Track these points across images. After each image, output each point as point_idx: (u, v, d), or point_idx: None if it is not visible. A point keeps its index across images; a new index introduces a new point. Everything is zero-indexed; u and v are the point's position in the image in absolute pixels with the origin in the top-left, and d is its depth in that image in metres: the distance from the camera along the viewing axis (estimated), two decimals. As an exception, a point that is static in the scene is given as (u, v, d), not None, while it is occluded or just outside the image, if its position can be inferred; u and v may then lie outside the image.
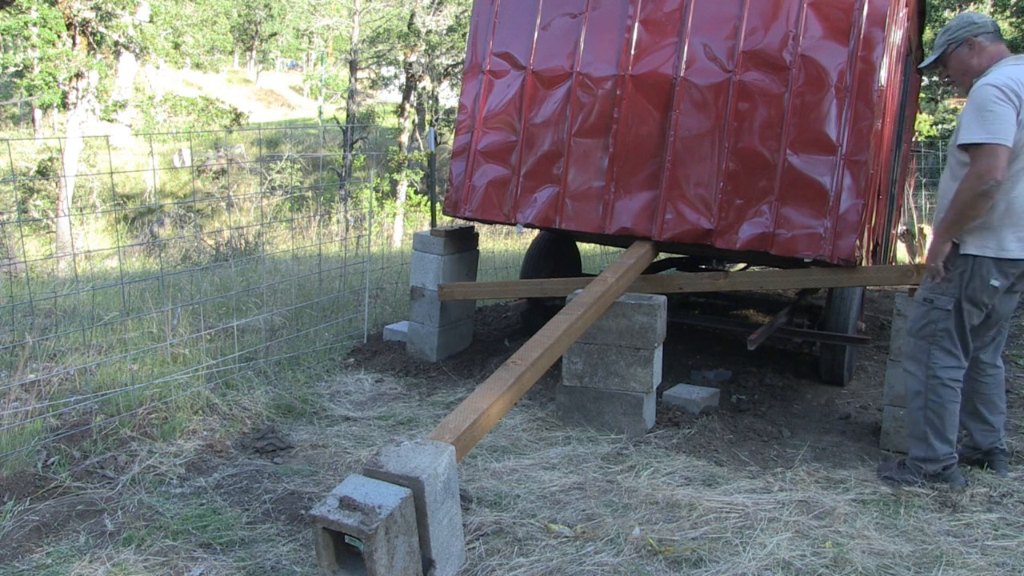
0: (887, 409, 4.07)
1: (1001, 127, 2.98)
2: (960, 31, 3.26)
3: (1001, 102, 2.99)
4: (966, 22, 3.28)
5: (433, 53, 19.59)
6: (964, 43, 3.24)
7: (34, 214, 15.46)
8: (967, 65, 3.25)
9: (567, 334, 3.51)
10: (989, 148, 2.98)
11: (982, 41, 3.22)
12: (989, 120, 3.00)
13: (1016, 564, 2.70)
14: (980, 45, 3.22)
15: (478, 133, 5.09)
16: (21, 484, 3.15)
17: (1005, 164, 2.99)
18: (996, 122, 2.98)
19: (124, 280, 4.75)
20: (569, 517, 3.01)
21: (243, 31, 36.81)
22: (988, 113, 2.99)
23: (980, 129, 3.00)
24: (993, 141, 2.97)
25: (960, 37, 3.24)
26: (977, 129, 3.01)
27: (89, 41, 14.06)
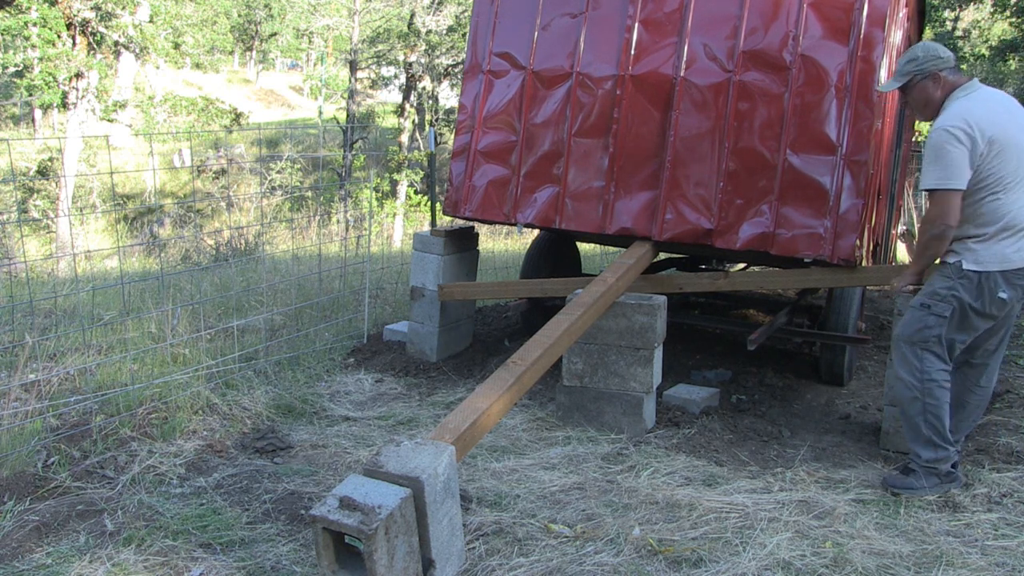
0: (887, 409, 4.07)
1: (952, 171, 3.07)
2: (928, 64, 3.28)
3: (952, 145, 3.07)
4: (933, 55, 3.30)
5: (433, 53, 19.59)
6: (930, 76, 3.28)
7: (34, 214, 15.46)
8: (929, 97, 3.31)
9: (567, 334, 3.51)
10: (940, 195, 3.10)
11: (946, 76, 3.27)
12: (942, 165, 3.09)
13: (1016, 564, 2.70)
14: (944, 80, 3.27)
15: (478, 133, 5.09)
16: (21, 484, 3.15)
17: (957, 208, 3.10)
18: (948, 167, 3.07)
19: (124, 280, 4.75)
20: (569, 517, 3.01)
21: (243, 31, 36.81)
22: (940, 159, 3.09)
23: (933, 175, 3.11)
24: (944, 187, 3.07)
25: (927, 70, 3.27)
26: (930, 175, 3.12)
27: (89, 41, 14.06)
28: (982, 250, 3.18)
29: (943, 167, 3.08)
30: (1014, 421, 4.09)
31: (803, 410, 4.61)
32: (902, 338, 3.33)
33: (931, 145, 3.13)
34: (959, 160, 3.07)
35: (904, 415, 3.37)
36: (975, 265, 3.18)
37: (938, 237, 3.16)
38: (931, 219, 3.14)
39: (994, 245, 3.17)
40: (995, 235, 3.17)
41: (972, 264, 3.18)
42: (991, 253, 3.18)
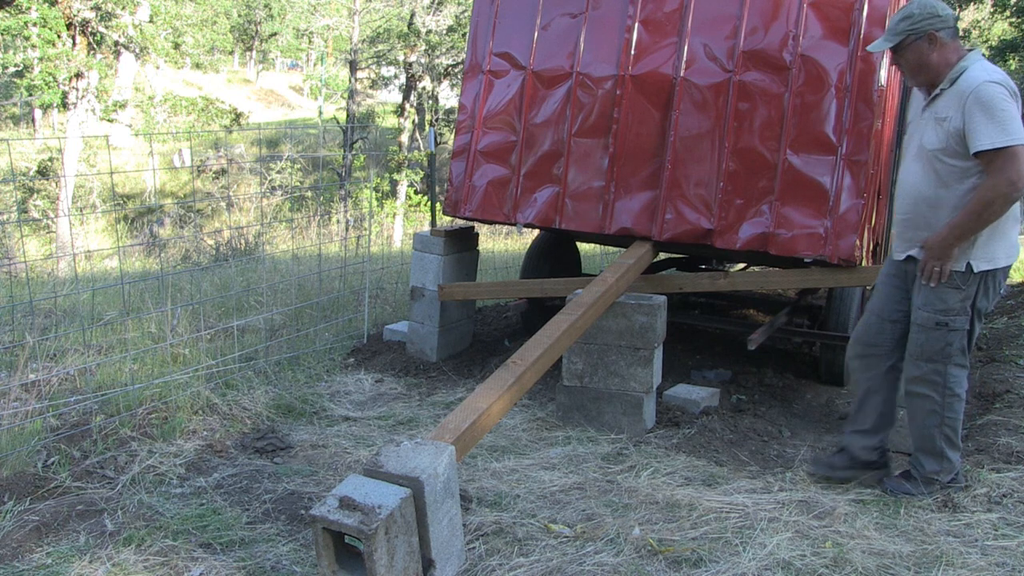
0: (887, 409, 4.07)
1: (1016, 125, 2.80)
2: (924, 22, 2.95)
3: (1006, 101, 2.81)
4: (930, 13, 2.96)
5: (433, 53, 19.59)
6: (925, 37, 2.94)
7: (34, 214, 15.46)
8: (924, 61, 2.97)
9: (567, 334, 3.51)
10: (1007, 154, 2.78)
11: (943, 37, 2.94)
12: (999, 121, 2.79)
13: (1016, 564, 2.70)
14: (941, 41, 2.95)
15: (478, 133, 5.09)
16: (21, 484, 3.15)
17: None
18: (1008, 122, 2.79)
19: (124, 280, 4.75)
20: (569, 517, 3.01)
21: (243, 31, 36.81)
22: (1002, 112, 2.78)
23: (990, 132, 2.78)
24: (1011, 143, 2.77)
25: (922, 29, 2.93)
26: (987, 132, 2.79)
27: (89, 41, 14.06)
28: (992, 243, 2.97)
29: (1001, 122, 2.77)
30: (1014, 421, 4.09)
31: (803, 410, 4.61)
32: (922, 358, 3.09)
33: (981, 100, 2.80)
34: (1017, 115, 2.80)
35: (917, 425, 3.21)
36: (987, 263, 2.97)
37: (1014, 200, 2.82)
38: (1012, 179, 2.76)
39: (1004, 236, 2.98)
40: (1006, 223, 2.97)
41: (984, 263, 2.97)
42: (1002, 246, 3.00)
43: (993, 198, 2.81)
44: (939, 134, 2.94)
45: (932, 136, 2.96)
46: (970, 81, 2.84)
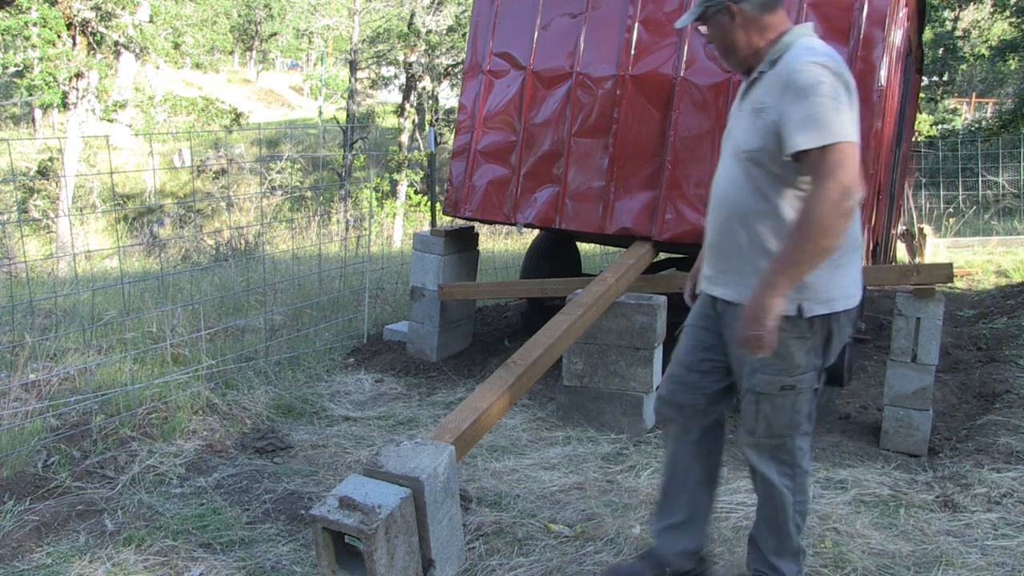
0: (887, 409, 4.07)
1: (849, 118, 2.10)
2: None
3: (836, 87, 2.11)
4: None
5: (433, 53, 19.59)
6: (724, 9, 2.27)
7: (34, 214, 15.46)
8: (729, 39, 2.31)
9: (567, 334, 3.51)
10: (842, 148, 2.05)
11: (748, 10, 2.25)
12: (829, 111, 2.06)
13: (1016, 564, 2.70)
14: (746, 15, 2.25)
15: (478, 133, 5.09)
16: (21, 484, 3.15)
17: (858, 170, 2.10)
18: (839, 114, 2.07)
19: (124, 280, 4.75)
20: (569, 517, 3.01)
21: (243, 31, 36.80)
22: (824, 101, 2.07)
23: (821, 126, 2.06)
24: (841, 139, 2.06)
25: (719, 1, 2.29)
26: (817, 126, 2.06)
27: (89, 41, 14.05)
28: (827, 278, 2.20)
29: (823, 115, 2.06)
30: (1014, 421, 4.09)
31: (803, 410, 4.60)
32: (766, 434, 2.33)
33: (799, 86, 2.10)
34: (845, 106, 2.10)
35: (768, 521, 2.44)
36: (823, 305, 2.22)
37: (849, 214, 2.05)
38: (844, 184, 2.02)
39: (840, 270, 2.24)
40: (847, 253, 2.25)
41: (818, 305, 2.21)
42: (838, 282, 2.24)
43: (824, 213, 2.02)
44: (756, 130, 2.21)
45: (748, 132, 2.24)
46: (791, 61, 2.15)
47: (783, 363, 2.23)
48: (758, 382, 2.28)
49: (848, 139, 2.06)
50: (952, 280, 4.27)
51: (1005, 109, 18.48)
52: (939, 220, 11.77)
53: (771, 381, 2.27)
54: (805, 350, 2.24)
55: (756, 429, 2.33)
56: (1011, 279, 8.23)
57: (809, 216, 2.06)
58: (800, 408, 2.29)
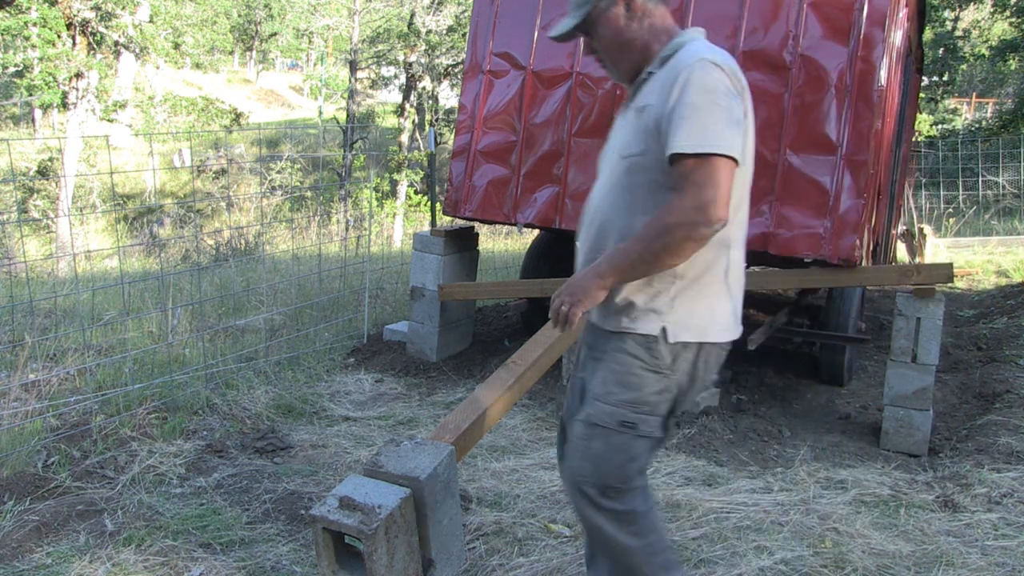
0: (887, 409, 4.07)
1: (732, 130, 1.83)
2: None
3: (729, 91, 1.86)
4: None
5: (433, 53, 19.59)
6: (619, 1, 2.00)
7: (34, 214, 15.46)
8: (625, 36, 2.02)
9: (567, 334, 3.51)
10: (717, 164, 1.79)
11: (647, 3, 2.02)
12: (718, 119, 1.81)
13: (1016, 564, 2.70)
14: (643, 7, 2.01)
15: (478, 133, 5.09)
16: (21, 484, 3.15)
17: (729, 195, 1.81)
18: (728, 125, 1.82)
19: (124, 280, 4.75)
20: (569, 517, 3.01)
21: (243, 31, 36.80)
22: (715, 108, 1.82)
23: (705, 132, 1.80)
24: (723, 152, 1.79)
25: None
26: (701, 131, 1.80)
27: (89, 41, 14.05)
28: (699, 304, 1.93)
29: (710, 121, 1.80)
30: (1014, 421, 4.09)
31: (803, 410, 4.61)
32: (591, 479, 1.96)
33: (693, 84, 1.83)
34: (735, 117, 1.85)
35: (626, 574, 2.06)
36: (692, 332, 1.92)
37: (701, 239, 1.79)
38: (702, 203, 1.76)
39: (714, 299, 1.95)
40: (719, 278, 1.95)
41: (686, 331, 1.92)
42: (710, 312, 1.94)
43: (673, 225, 1.78)
44: (638, 131, 1.94)
45: (630, 135, 1.97)
46: (685, 58, 1.90)
47: (630, 394, 1.92)
48: (595, 411, 1.95)
49: (727, 153, 1.79)
50: (952, 280, 4.28)
51: (1005, 109, 18.49)
52: (939, 220, 11.77)
53: (611, 413, 1.92)
54: (658, 388, 1.92)
55: (581, 469, 1.96)
56: (1011, 279, 8.23)
57: (658, 225, 1.80)
58: (635, 455, 1.94)
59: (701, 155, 1.78)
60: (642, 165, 1.92)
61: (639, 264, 1.83)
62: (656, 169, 1.88)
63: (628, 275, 1.86)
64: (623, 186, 1.97)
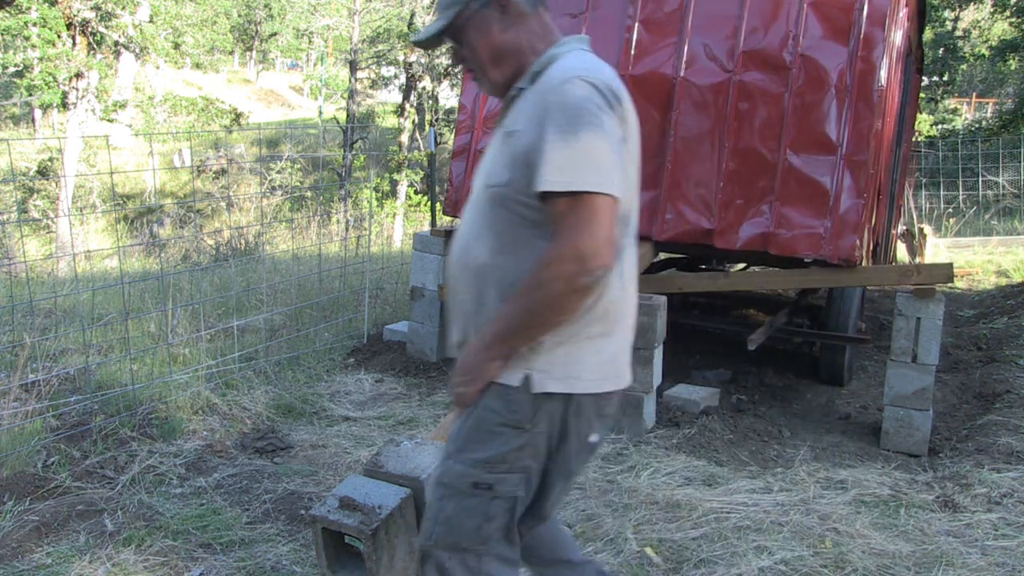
0: (887, 409, 4.07)
1: (608, 162, 1.57)
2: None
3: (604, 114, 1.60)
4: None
5: (433, 53, 19.59)
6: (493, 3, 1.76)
7: (34, 214, 15.46)
8: (499, 41, 1.77)
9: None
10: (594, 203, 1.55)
11: (522, 4, 1.78)
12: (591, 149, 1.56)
13: (1016, 564, 2.70)
14: (519, 9, 1.78)
15: (478, 133, 5.09)
16: (21, 484, 3.15)
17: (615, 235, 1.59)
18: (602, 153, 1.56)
19: (124, 280, 4.75)
20: (569, 517, 3.01)
21: (243, 31, 36.80)
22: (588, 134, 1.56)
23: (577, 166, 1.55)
24: (598, 189, 1.55)
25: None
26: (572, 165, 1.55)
27: (89, 41, 14.05)
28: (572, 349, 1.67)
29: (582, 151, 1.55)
30: (1014, 421, 4.09)
31: (803, 410, 4.61)
32: (445, 542, 1.75)
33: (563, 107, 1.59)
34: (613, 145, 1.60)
35: None
36: (560, 382, 1.67)
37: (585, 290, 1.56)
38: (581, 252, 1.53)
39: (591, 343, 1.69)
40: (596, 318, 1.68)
41: (554, 381, 1.67)
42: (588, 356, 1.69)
43: (549, 279, 1.56)
44: (504, 156, 1.70)
45: (497, 160, 1.73)
46: (554, 75, 1.66)
47: (483, 452, 1.69)
48: (446, 471, 1.75)
49: (606, 191, 1.55)
50: (952, 280, 4.28)
51: (1005, 109, 18.49)
52: (939, 220, 11.77)
53: (463, 474, 1.71)
54: (518, 444, 1.68)
55: (432, 532, 1.76)
56: (1011, 279, 8.23)
57: (533, 281, 1.58)
58: (494, 517, 1.72)
59: (573, 193, 1.54)
60: (506, 197, 1.67)
61: (524, 328, 1.61)
62: (521, 203, 1.64)
63: (517, 340, 1.63)
64: (488, 220, 1.73)
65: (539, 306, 1.58)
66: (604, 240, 1.54)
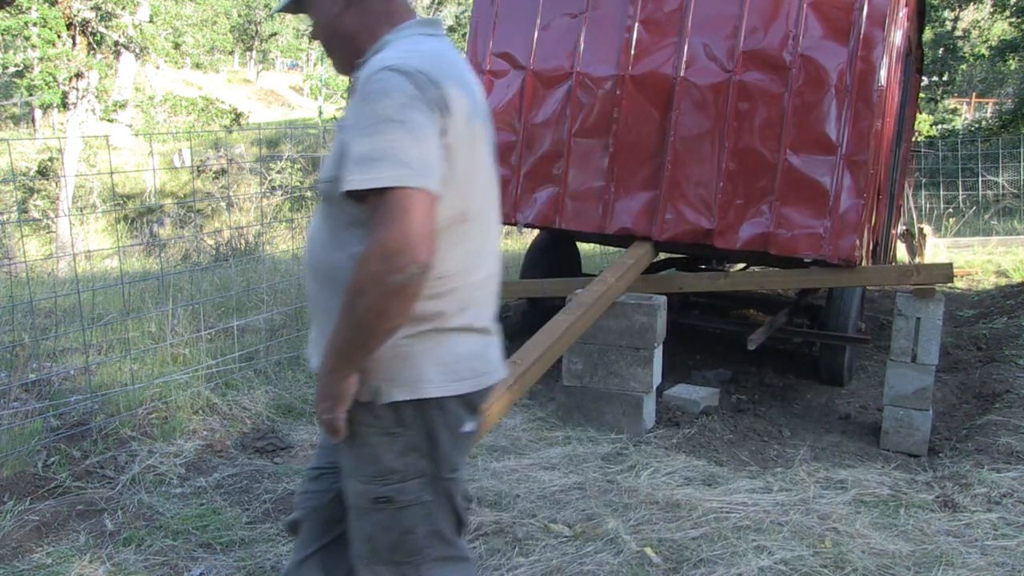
0: (887, 409, 4.07)
1: (416, 153, 1.46)
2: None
3: (414, 103, 1.48)
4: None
5: (433, 53, 19.57)
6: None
7: (34, 214, 15.46)
8: (336, 25, 1.69)
9: (567, 334, 3.51)
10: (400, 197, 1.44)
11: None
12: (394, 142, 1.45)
13: (1016, 564, 2.70)
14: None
15: (478, 133, 5.09)
16: (21, 484, 3.15)
17: (434, 228, 1.47)
18: (408, 145, 1.46)
19: (124, 280, 4.74)
20: (569, 517, 3.01)
21: (243, 31, 36.80)
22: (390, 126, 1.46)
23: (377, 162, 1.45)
24: (405, 184, 1.44)
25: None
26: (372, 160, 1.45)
27: (89, 41, 14.05)
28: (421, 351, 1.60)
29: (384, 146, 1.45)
30: (1014, 421, 4.09)
31: (803, 410, 4.61)
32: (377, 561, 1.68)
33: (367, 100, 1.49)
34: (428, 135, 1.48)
35: None
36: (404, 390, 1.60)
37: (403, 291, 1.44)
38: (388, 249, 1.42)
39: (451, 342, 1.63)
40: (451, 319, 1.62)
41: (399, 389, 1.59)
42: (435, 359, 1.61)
43: (363, 282, 1.45)
44: (334, 152, 1.63)
45: (329, 157, 1.66)
46: (373, 65, 1.55)
47: (371, 467, 1.62)
48: (350, 492, 1.69)
49: (413, 185, 1.44)
50: (952, 280, 4.28)
51: (1005, 109, 18.48)
52: (939, 220, 11.77)
53: (362, 492, 1.65)
54: (397, 450, 1.61)
55: (360, 552, 1.70)
56: (1011, 279, 8.23)
57: (353, 286, 1.46)
58: (411, 528, 1.65)
59: (379, 191, 1.44)
60: (333, 195, 1.57)
61: (356, 340, 1.50)
62: (345, 200, 1.53)
63: (355, 353, 1.52)
64: (324, 218, 1.66)
65: (362, 313, 1.46)
66: (416, 235, 1.43)
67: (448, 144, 1.51)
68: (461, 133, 1.54)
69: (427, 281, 1.47)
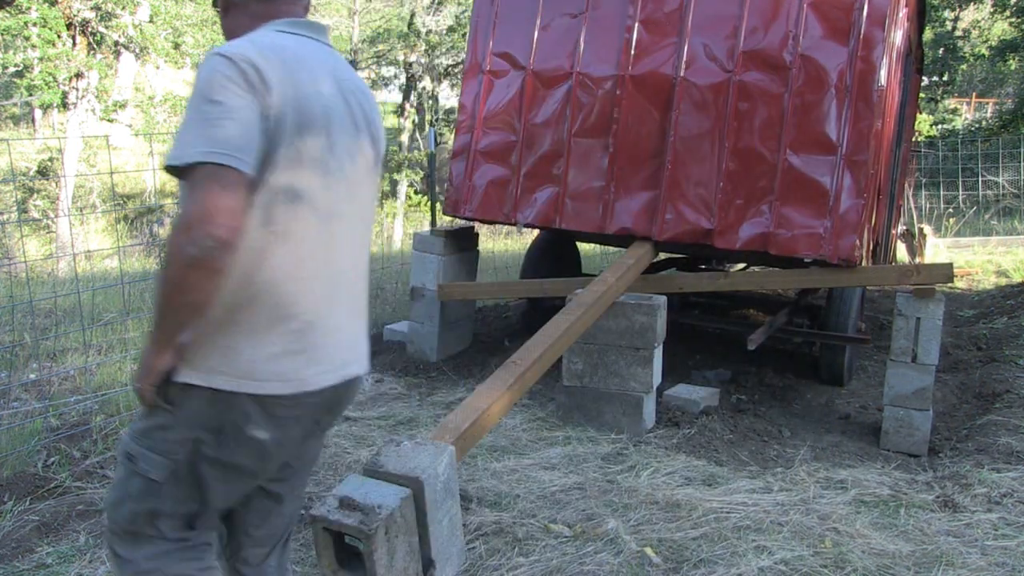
0: (887, 409, 4.07)
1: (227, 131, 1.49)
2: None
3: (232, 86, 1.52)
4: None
5: (433, 53, 19.59)
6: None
7: (34, 214, 15.46)
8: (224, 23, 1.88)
9: (567, 334, 3.51)
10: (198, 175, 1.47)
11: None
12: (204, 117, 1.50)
13: (1016, 564, 2.70)
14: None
15: (478, 133, 5.09)
16: (21, 484, 3.15)
17: (239, 205, 1.48)
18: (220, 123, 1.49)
19: (124, 280, 4.74)
20: (569, 517, 3.01)
21: (243, 31, 36.83)
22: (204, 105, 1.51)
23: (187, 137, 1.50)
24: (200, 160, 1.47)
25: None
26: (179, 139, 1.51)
27: (89, 41, 14.05)
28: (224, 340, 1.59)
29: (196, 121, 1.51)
30: (1014, 421, 4.09)
31: (803, 410, 4.61)
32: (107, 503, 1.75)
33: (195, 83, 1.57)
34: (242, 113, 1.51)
35: None
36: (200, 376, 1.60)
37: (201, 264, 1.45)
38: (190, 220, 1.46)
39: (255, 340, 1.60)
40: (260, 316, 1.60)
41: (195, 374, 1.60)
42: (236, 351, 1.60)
43: (169, 255, 1.48)
44: None
45: None
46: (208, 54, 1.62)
47: (140, 423, 1.68)
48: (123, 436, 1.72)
49: (216, 161, 1.46)
50: (952, 280, 4.28)
51: (1005, 109, 18.48)
52: (939, 220, 11.77)
53: (124, 443, 1.69)
54: (161, 422, 1.63)
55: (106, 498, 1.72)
56: (1011, 279, 8.23)
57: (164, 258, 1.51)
58: (130, 492, 1.66)
59: (187, 167, 1.48)
60: None
61: (165, 313, 1.52)
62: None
63: (168, 328, 1.54)
64: None
65: (168, 286, 1.49)
66: (214, 209, 1.45)
67: (270, 129, 1.55)
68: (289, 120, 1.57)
69: (227, 257, 1.48)
